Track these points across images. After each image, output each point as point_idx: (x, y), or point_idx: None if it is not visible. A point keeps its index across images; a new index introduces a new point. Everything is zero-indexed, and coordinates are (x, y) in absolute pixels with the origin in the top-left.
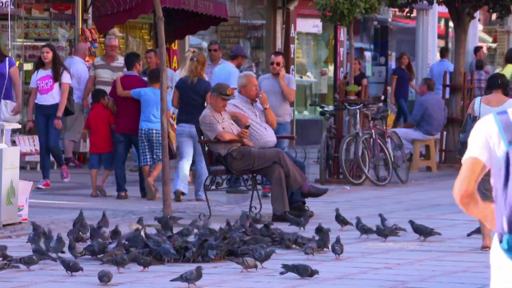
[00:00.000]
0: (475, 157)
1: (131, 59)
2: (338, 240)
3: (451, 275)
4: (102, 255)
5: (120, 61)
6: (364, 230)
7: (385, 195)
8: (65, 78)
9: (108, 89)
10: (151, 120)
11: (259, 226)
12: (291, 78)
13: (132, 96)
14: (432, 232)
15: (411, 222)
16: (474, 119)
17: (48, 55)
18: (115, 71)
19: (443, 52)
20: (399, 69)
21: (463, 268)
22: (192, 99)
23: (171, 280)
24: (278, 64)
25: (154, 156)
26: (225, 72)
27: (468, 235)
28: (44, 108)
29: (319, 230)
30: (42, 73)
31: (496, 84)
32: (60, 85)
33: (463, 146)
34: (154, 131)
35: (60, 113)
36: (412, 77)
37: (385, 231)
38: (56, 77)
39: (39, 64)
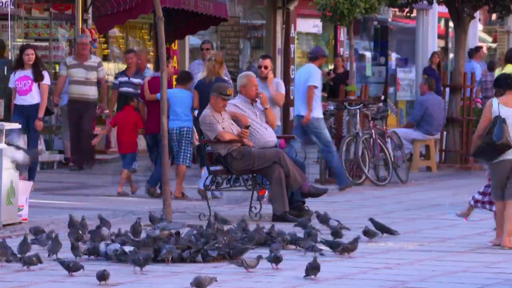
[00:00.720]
0: None
1: (158, 60)
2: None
3: (451, 275)
4: (132, 250)
5: (94, 60)
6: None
7: (385, 195)
8: (45, 79)
9: (82, 88)
10: (182, 118)
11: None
12: (280, 82)
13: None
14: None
15: (372, 221)
16: (504, 120)
17: (33, 57)
18: (89, 70)
19: (472, 52)
20: (429, 68)
21: (463, 268)
22: None
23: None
24: (266, 67)
25: (182, 154)
26: (307, 72)
27: None
28: (24, 109)
29: (308, 234)
30: (20, 73)
31: (509, 85)
32: (39, 86)
33: (493, 149)
34: (185, 129)
35: (41, 114)
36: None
37: (336, 232)
38: (36, 78)
39: (18, 64)
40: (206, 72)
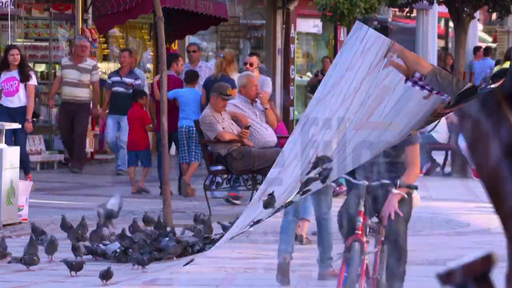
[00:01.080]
0: None
1: (168, 59)
2: None
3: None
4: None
5: (89, 63)
6: None
7: None
8: (32, 80)
9: (74, 90)
10: (191, 117)
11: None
12: (266, 80)
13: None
14: None
15: None
16: None
17: (18, 57)
18: (83, 72)
19: (487, 50)
20: (443, 69)
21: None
22: None
23: None
24: (251, 64)
25: (193, 153)
26: None
27: None
28: (10, 111)
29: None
30: (6, 74)
31: None
32: (26, 86)
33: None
34: (194, 129)
35: (29, 116)
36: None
37: None
38: (23, 79)
39: (3, 65)
40: (214, 69)
